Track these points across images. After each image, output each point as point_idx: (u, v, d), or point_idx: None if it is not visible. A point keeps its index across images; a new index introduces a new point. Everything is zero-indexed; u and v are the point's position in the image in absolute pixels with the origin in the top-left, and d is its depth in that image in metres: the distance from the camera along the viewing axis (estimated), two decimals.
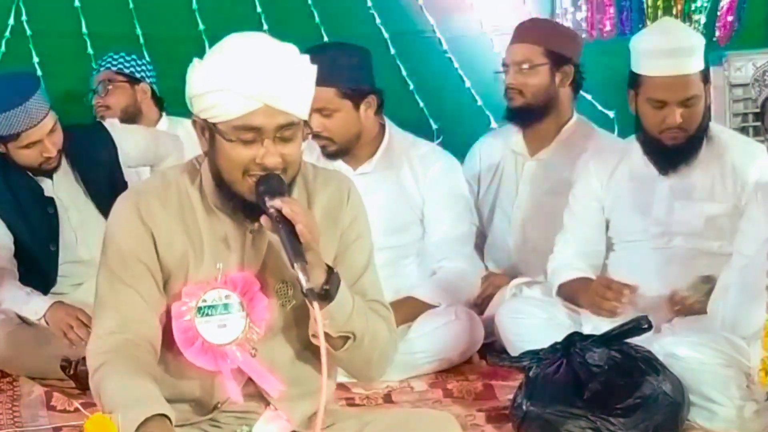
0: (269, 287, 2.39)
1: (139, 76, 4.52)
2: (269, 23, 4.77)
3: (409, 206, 3.96)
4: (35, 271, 3.87)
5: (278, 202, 2.26)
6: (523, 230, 4.24)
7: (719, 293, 3.21)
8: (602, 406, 3.04)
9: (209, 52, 2.35)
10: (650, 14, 5.02)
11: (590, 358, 3.12)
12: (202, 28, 4.74)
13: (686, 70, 3.51)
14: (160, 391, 2.26)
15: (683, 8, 5.03)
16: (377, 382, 3.54)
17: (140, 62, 4.55)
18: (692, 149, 3.59)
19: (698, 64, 3.54)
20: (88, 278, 3.88)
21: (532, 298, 3.85)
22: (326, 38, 4.78)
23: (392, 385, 3.61)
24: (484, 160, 4.31)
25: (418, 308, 3.82)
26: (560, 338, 3.22)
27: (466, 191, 4.09)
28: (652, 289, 3.60)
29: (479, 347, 3.89)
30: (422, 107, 4.92)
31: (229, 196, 2.36)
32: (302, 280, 2.22)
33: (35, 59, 4.64)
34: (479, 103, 4.91)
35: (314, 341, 2.31)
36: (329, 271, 2.31)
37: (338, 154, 3.87)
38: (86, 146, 3.91)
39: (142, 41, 4.71)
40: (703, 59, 3.57)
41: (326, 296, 2.29)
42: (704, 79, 3.58)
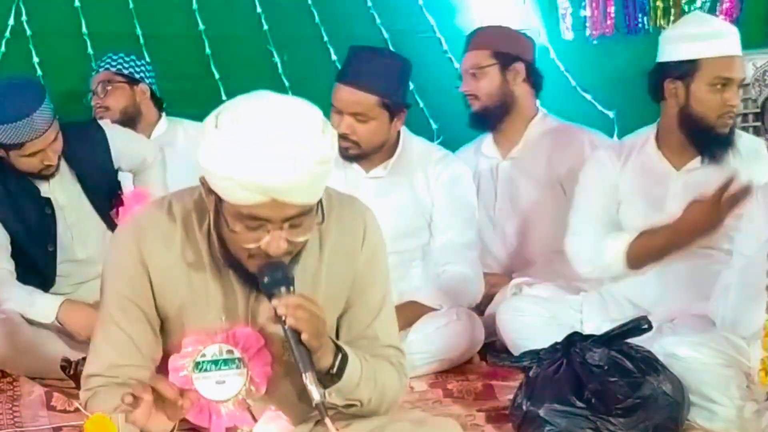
0: (273, 341, 2.30)
1: (138, 76, 4.51)
2: (269, 23, 4.77)
3: (419, 211, 3.98)
4: (33, 271, 3.86)
5: (282, 308, 2.17)
6: (507, 230, 4.30)
7: (719, 293, 3.21)
8: (602, 406, 3.03)
9: (225, 112, 2.15)
10: (651, 14, 5.02)
11: (590, 358, 3.12)
12: (202, 28, 4.73)
13: (740, 51, 3.58)
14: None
15: (683, 8, 5.03)
16: None
17: (139, 63, 4.54)
18: (733, 137, 3.61)
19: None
20: (87, 278, 3.88)
21: (533, 296, 3.85)
22: (326, 38, 4.78)
23: None
24: None
25: (419, 311, 3.82)
26: (561, 337, 3.23)
27: (474, 199, 4.12)
28: (658, 283, 3.62)
29: (479, 347, 3.89)
30: (422, 107, 4.92)
31: (235, 262, 2.26)
32: (312, 392, 2.17)
33: (35, 59, 4.64)
34: None
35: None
36: (336, 351, 2.26)
37: (357, 157, 3.88)
38: (83, 144, 3.90)
39: (142, 41, 4.71)
40: None
41: (333, 378, 2.25)
42: None
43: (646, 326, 3.17)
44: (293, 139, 2.09)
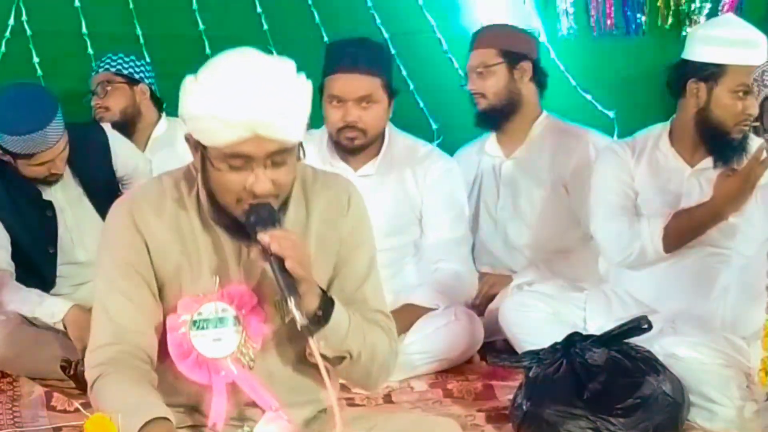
0: (267, 300, 2.36)
1: (137, 77, 4.51)
2: (269, 23, 4.77)
3: (409, 207, 3.99)
4: (33, 273, 3.86)
5: (266, 238, 2.23)
6: (509, 230, 4.28)
7: (719, 293, 3.21)
8: (602, 406, 3.04)
9: (203, 68, 2.29)
10: (651, 14, 5.02)
11: (590, 358, 3.12)
12: (202, 28, 4.73)
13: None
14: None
15: (683, 8, 5.03)
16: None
17: (139, 63, 4.54)
18: (747, 141, 3.62)
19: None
20: (87, 279, 3.88)
21: (537, 292, 3.85)
22: (326, 38, 4.78)
23: (392, 385, 3.61)
24: (464, 168, 4.32)
25: (416, 313, 3.82)
26: (564, 334, 3.23)
27: (464, 194, 4.13)
28: (662, 280, 3.63)
29: (479, 347, 3.89)
30: (422, 107, 4.92)
31: (224, 214, 2.33)
32: (296, 316, 2.21)
33: (35, 59, 4.63)
34: None
35: (311, 360, 2.30)
36: (323, 295, 2.30)
37: (359, 149, 3.90)
38: (85, 147, 3.90)
39: (142, 41, 4.71)
40: None
41: (320, 321, 2.29)
42: None
43: (646, 326, 3.17)
44: (270, 76, 2.22)
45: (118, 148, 4.03)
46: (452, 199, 4.03)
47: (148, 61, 4.61)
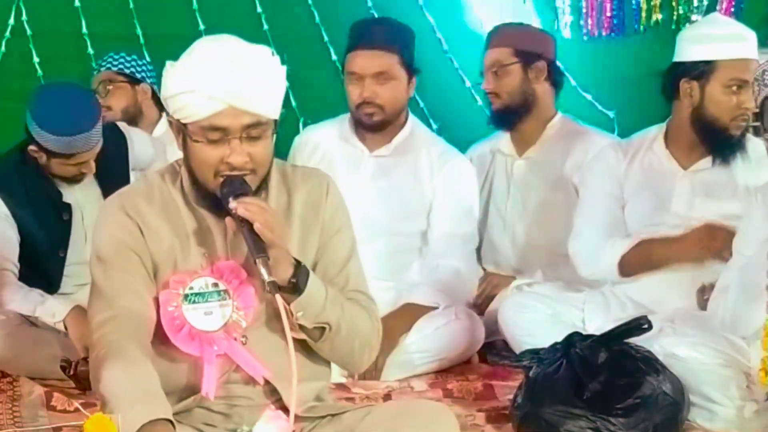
0: (256, 275, 2.40)
1: (139, 76, 4.51)
2: (269, 23, 4.77)
3: (418, 196, 4.01)
4: (39, 275, 3.85)
5: (234, 203, 2.33)
6: (517, 230, 4.27)
7: (719, 293, 3.21)
8: (602, 406, 3.04)
9: (182, 54, 2.39)
10: (648, 14, 5.02)
11: (590, 358, 3.12)
12: (202, 28, 4.73)
13: (756, 54, 3.58)
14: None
15: (681, 8, 5.03)
16: (371, 377, 3.61)
17: (140, 62, 4.54)
18: (745, 139, 3.62)
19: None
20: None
21: (536, 293, 3.85)
22: (326, 38, 4.78)
23: (392, 385, 3.62)
24: (476, 165, 4.32)
25: (417, 313, 3.83)
26: (563, 335, 3.23)
27: (475, 196, 4.15)
28: (661, 282, 3.63)
29: (479, 347, 3.89)
30: (422, 107, 4.92)
31: (204, 193, 2.43)
32: (263, 273, 2.29)
33: (35, 59, 4.64)
34: (479, 103, 4.91)
35: (293, 335, 2.34)
36: (297, 264, 2.37)
37: (378, 127, 3.96)
38: (106, 148, 3.92)
39: (142, 41, 4.71)
40: None
41: (295, 289, 2.36)
42: None
43: (646, 326, 3.17)
44: (245, 52, 2.39)
45: (136, 146, 4.09)
46: (463, 197, 4.06)
47: (149, 60, 4.61)
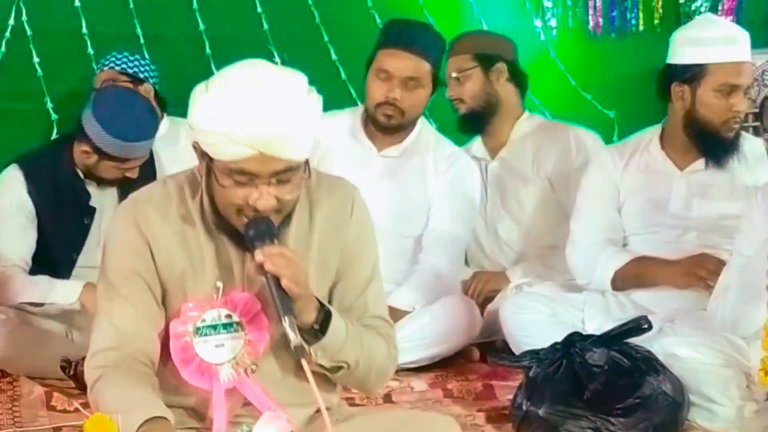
0: (270, 305, 2.33)
1: (142, 76, 4.50)
2: (269, 23, 4.77)
3: (423, 197, 4.05)
4: (47, 273, 3.85)
5: (260, 256, 2.22)
6: (499, 229, 4.31)
7: (719, 293, 3.21)
8: (602, 406, 3.04)
9: (214, 78, 2.27)
10: (648, 14, 5.02)
11: (590, 358, 3.12)
12: (202, 28, 4.73)
13: (749, 56, 3.59)
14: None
15: (682, 8, 5.03)
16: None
17: (143, 63, 4.53)
18: (738, 141, 3.63)
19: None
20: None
21: (536, 293, 3.86)
22: (326, 38, 4.78)
23: (392, 385, 3.61)
24: None
25: (396, 316, 3.82)
26: (563, 335, 3.23)
27: (476, 197, 4.16)
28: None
29: (477, 333, 3.91)
30: None
31: (226, 223, 2.33)
32: (290, 336, 2.21)
33: (35, 59, 4.63)
34: None
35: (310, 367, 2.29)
36: (320, 308, 2.30)
37: (392, 129, 3.98)
38: None
39: (142, 41, 4.70)
40: None
41: (317, 334, 2.29)
42: None
43: (646, 326, 3.17)
44: (279, 95, 2.20)
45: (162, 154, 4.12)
46: (463, 197, 4.09)
47: (150, 60, 4.61)
